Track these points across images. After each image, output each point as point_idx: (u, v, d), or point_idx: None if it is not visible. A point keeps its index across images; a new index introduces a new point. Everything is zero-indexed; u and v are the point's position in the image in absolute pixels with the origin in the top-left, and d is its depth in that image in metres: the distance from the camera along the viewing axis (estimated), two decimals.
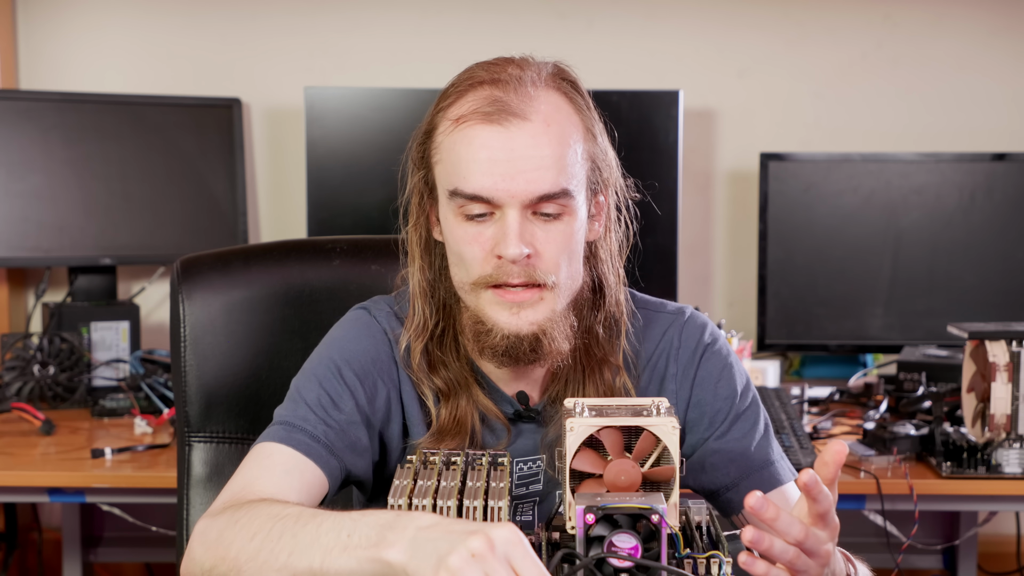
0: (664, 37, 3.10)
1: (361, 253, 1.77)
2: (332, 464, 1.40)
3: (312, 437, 1.40)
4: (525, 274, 1.37)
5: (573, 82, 1.44)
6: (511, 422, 1.49)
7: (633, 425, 1.21)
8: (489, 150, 1.36)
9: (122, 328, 2.80)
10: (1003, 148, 2.99)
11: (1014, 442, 2.15)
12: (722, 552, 1.18)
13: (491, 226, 1.38)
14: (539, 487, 1.52)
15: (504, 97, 1.37)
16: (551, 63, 1.44)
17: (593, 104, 1.46)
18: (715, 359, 1.53)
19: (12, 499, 2.66)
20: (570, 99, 1.42)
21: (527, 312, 1.39)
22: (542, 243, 1.38)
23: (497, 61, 1.42)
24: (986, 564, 3.09)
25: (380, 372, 1.47)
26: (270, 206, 3.12)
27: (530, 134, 1.36)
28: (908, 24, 3.09)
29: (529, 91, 1.38)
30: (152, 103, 2.92)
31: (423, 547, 1.08)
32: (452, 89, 1.42)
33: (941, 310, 2.84)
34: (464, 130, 1.37)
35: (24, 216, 2.82)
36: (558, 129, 1.38)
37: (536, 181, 1.35)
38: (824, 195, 2.88)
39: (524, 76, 1.39)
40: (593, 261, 1.48)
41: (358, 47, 3.09)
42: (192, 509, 1.71)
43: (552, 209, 1.38)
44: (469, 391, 1.47)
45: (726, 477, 1.50)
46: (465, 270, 1.40)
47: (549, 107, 1.38)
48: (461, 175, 1.37)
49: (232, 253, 1.79)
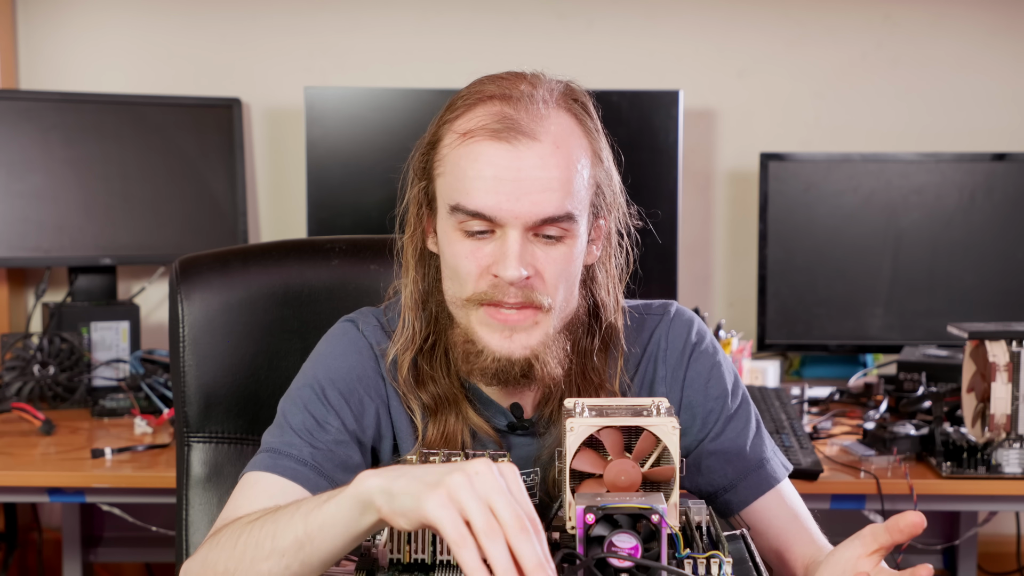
0: (664, 37, 3.10)
1: (360, 253, 1.77)
2: (322, 485, 1.37)
3: (299, 461, 1.39)
4: (522, 295, 1.35)
5: (584, 104, 1.41)
6: (504, 435, 1.46)
7: (633, 425, 1.21)
8: (496, 168, 1.32)
9: (122, 328, 2.80)
10: (1003, 148, 2.99)
11: (1014, 442, 2.15)
12: (722, 552, 1.18)
13: (490, 243, 1.35)
14: (536, 501, 1.50)
15: (514, 114, 1.33)
16: (563, 83, 1.41)
17: (601, 127, 1.43)
18: (703, 359, 1.52)
19: (12, 499, 2.66)
20: (580, 121, 1.39)
21: (520, 336, 1.36)
22: (542, 264, 1.35)
23: (508, 76, 1.39)
24: (986, 564, 3.09)
25: (366, 389, 1.45)
26: (270, 206, 3.12)
27: (539, 154, 1.33)
28: (908, 24, 3.09)
29: (540, 110, 1.34)
30: (152, 103, 2.92)
31: (405, 474, 1.10)
32: (460, 101, 1.38)
33: (941, 310, 2.84)
34: (471, 145, 1.34)
35: (24, 216, 2.82)
36: (567, 151, 1.35)
37: (541, 203, 1.32)
38: (824, 195, 2.88)
39: (535, 94, 1.35)
40: (591, 285, 1.45)
41: (358, 47, 3.09)
42: (192, 509, 1.71)
43: (554, 232, 1.35)
44: (458, 408, 1.44)
45: (723, 479, 1.50)
46: (459, 285, 1.38)
47: (559, 128, 1.35)
48: (464, 191, 1.34)
49: (231, 253, 1.78)
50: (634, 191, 1.54)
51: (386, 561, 1.19)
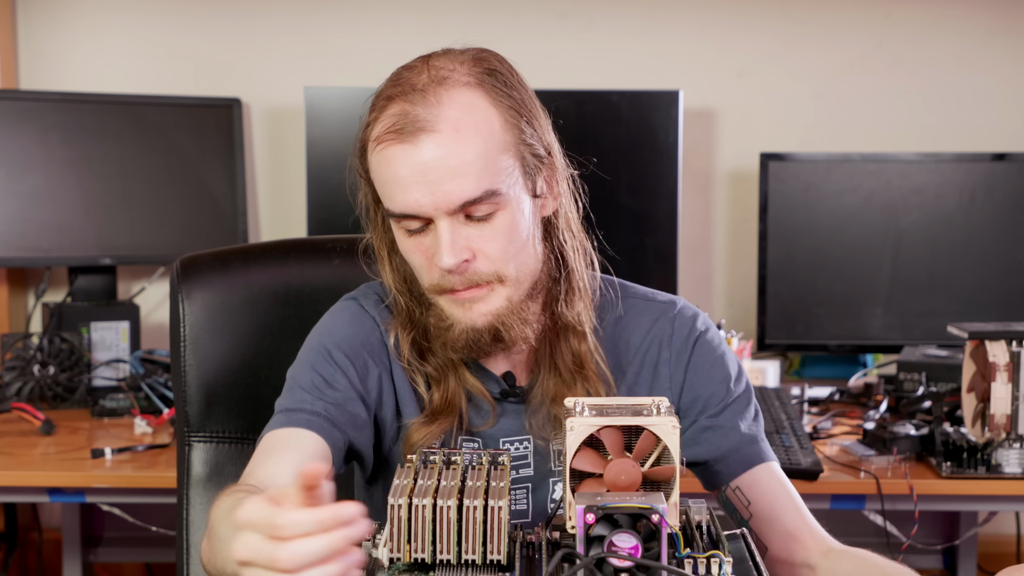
0: (664, 37, 3.10)
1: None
2: (335, 435, 1.42)
3: (312, 413, 1.42)
4: (466, 280, 1.40)
5: (492, 69, 1.41)
6: (499, 401, 1.52)
7: (633, 424, 1.21)
8: (405, 167, 1.36)
9: (122, 328, 2.80)
10: (1003, 148, 2.99)
11: (1014, 442, 2.15)
12: (722, 552, 1.18)
13: (428, 236, 1.40)
14: (530, 472, 1.54)
15: (412, 111, 1.36)
16: (470, 52, 1.42)
17: (519, 84, 1.43)
18: (709, 346, 1.55)
19: (12, 499, 2.66)
20: (485, 91, 1.39)
21: (479, 305, 1.41)
22: (478, 244, 1.39)
23: (414, 64, 1.42)
24: (986, 564, 3.09)
25: (371, 353, 1.50)
26: (270, 206, 3.12)
27: (439, 144, 1.35)
28: (908, 24, 3.09)
29: (434, 98, 1.36)
30: (152, 103, 2.92)
31: None
32: (374, 105, 1.42)
33: (941, 310, 2.84)
34: (382, 152, 1.38)
35: (24, 216, 2.82)
36: (471, 130, 1.37)
37: (455, 190, 1.36)
38: (824, 195, 2.88)
39: (431, 81, 1.37)
40: (553, 235, 1.48)
41: (358, 47, 3.09)
42: (192, 509, 1.71)
43: (483, 211, 1.38)
44: (456, 372, 1.50)
45: (716, 450, 1.52)
46: (419, 278, 1.45)
47: (457, 110, 1.37)
48: (388, 195, 1.40)
49: (232, 253, 1.79)
50: (634, 191, 1.55)
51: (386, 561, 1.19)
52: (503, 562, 1.16)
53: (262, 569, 1.00)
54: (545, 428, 1.51)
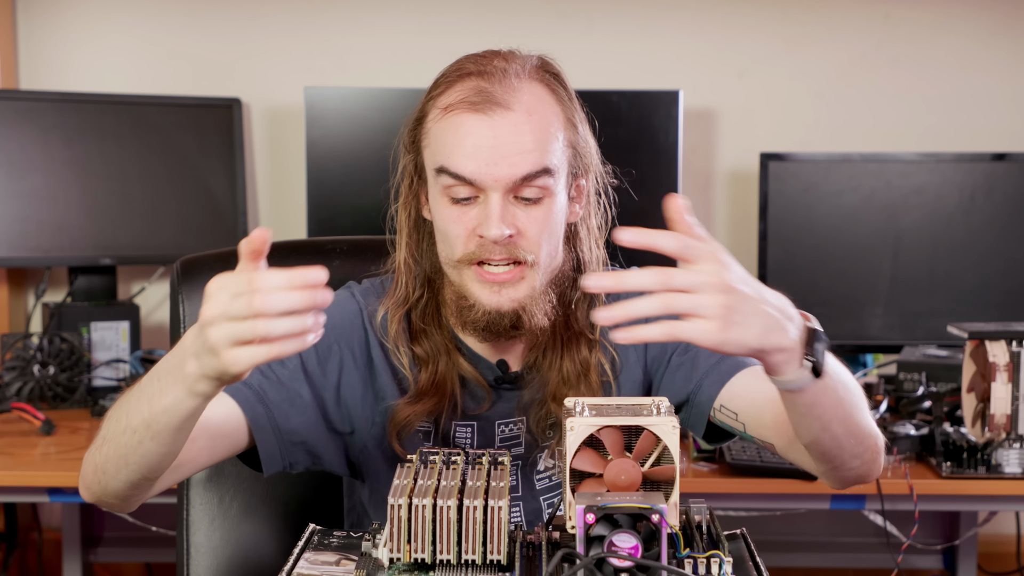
0: (664, 37, 3.10)
1: (361, 253, 1.77)
2: (259, 412, 1.46)
3: (244, 384, 1.45)
4: (507, 252, 1.45)
5: (556, 74, 1.51)
6: (493, 387, 1.56)
7: (633, 424, 1.21)
8: (474, 136, 1.43)
9: (122, 328, 2.80)
10: (1003, 148, 2.99)
11: (1014, 442, 2.15)
12: (722, 552, 1.18)
13: (475, 208, 1.45)
14: (521, 450, 1.57)
15: (489, 88, 1.44)
16: (536, 56, 1.52)
17: (575, 95, 1.53)
18: None
19: (12, 499, 2.66)
20: (552, 90, 1.49)
21: (508, 290, 1.46)
22: (523, 224, 1.45)
23: (485, 54, 1.50)
24: (986, 564, 3.09)
25: (338, 337, 1.53)
26: (270, 206, 3.12)
27: (512, 122, 1.43)
28: (908, 24, 3.09)
29: (513, 83, 1.45)
30: (152, 103, 2.92)
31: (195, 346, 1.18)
32: (442, 80, 1.49)
33: (941, 310, 2.84)
34: (451, 118, 1.45)
35: (24, 216, 2.82)
36: (539, 118, 1.45)
37: (517, 165, 1.43)
38: (824, 195, 2.88)
39: (509, 68, 1.46)
40: (574, 241, 1.56)
41: (358, 47, 3.09)
42: (192, 509, 1.71)
43: (533, 193, 1.45)
44: (450, 357, 1.54)
45: (690, 382, 1.53)
46: (450, 247, 1.48)
47: (531, 98, 1.46)
48: (448, 157, 1.45)
49: (232, 253, 1.77)
50: (634, 191, 1.58)
51: (386, 561, 1.19)
52: (503, 562, 1.16)
53: (234, 322, 1.11)
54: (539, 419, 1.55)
